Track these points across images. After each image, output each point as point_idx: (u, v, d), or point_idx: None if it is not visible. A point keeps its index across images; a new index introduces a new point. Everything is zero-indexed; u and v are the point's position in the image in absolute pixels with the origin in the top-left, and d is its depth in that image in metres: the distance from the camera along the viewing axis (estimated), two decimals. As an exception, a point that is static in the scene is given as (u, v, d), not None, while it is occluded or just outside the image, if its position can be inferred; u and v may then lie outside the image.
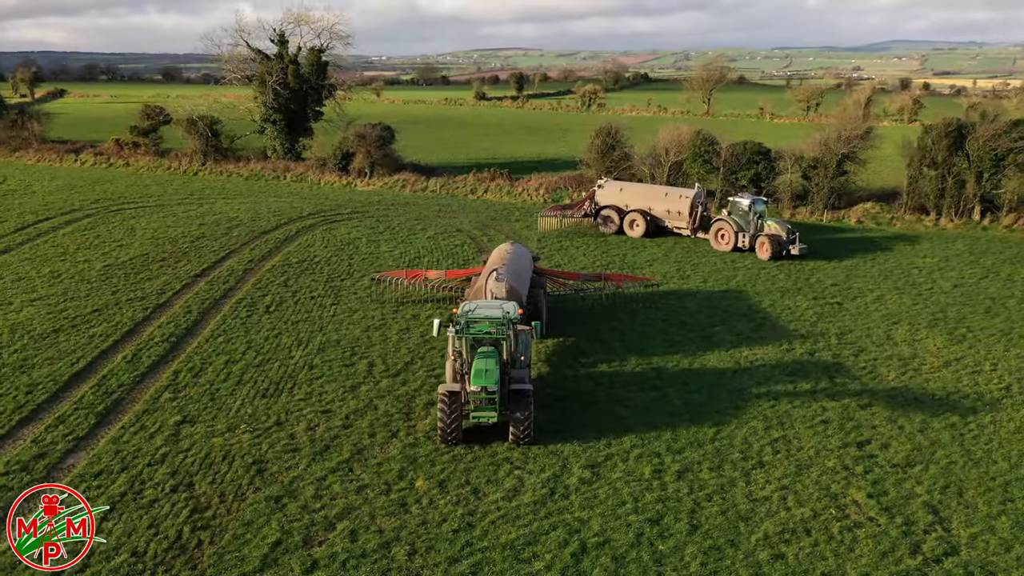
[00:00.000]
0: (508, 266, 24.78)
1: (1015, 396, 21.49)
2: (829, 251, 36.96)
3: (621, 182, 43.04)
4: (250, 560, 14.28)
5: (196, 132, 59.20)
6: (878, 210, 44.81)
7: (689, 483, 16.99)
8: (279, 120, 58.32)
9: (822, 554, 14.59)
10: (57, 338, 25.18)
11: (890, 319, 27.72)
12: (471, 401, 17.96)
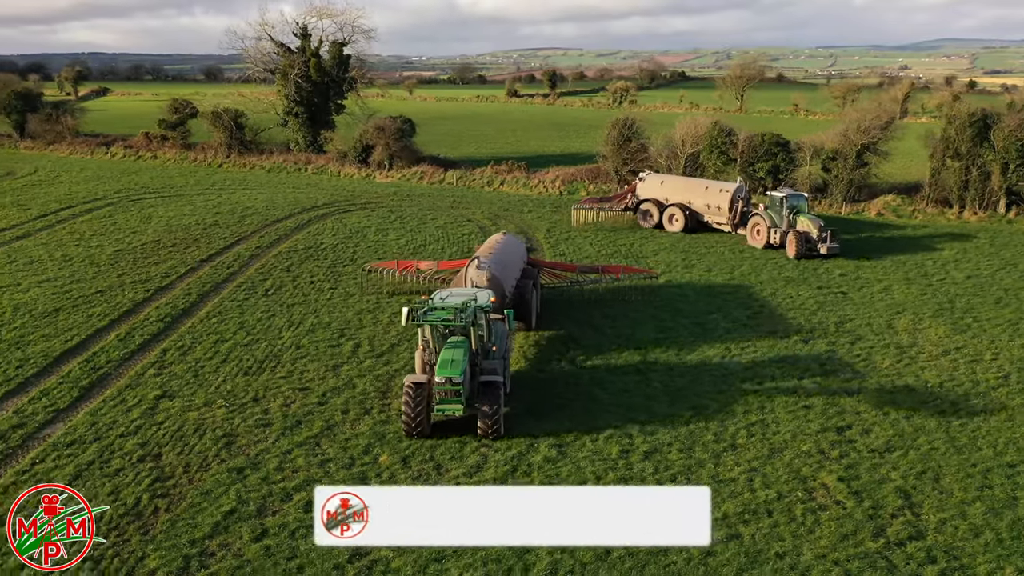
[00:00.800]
0: (494, 256, 24.43)
1: (1012, 385, 20.74)
2: (843, 243, 36.07)
3: (662, 175, 41.70)
4: (201, 527, 14.36)
5: (221, 125, 60.06)
6: (899, 203, 43.71)
7: (656, 463, 16.69)
8: (301, 113, 58.90)
9: (780, 535, 14.20)
10: (56, 317, 25.67)
11: (894, 308, 26.99)
12: (436, 393, 17.25)
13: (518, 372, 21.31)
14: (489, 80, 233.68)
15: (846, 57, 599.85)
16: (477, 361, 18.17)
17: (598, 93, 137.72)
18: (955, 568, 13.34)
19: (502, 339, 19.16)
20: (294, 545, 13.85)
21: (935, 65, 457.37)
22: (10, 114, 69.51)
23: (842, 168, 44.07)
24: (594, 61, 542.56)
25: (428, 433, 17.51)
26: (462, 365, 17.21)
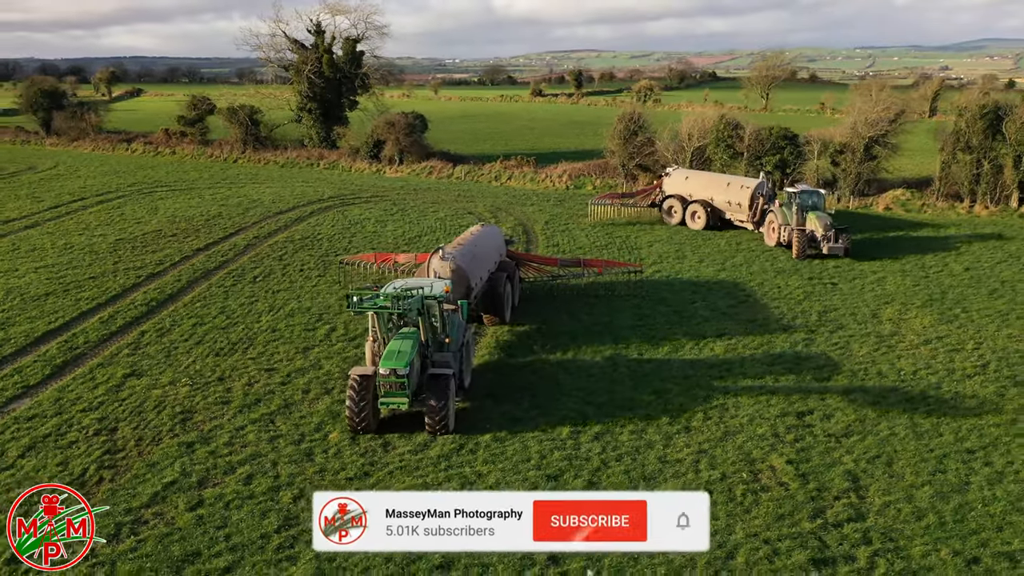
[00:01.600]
0: (465, 247, 23.78)
1: (988, 374, 20.20)
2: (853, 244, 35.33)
3: (688, 170, 40.44)
4: (140, 497, 14.54)
5: (236, 121, 60.85)
6: (908, 197, 42.84)
7: (604, 444, 16.54)
8: (314, 109, 59.47)
9: (715, 515, 13.95)
10: (46, 300, 26.20)
11: (882, 299, 26.47)
12: (380, 385, 16.55)
13: (486, 363, 21.16)
14: (519, 81, 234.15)
15: (885, 58, 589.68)
16: (428, 353, 17.59)
17: (621, 93, 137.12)
18: (888, 549, 13.02)
19: (458, 331, 18.46)
20: (227, 515, 13.96)
21: (977, 66, 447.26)
22: (36, 112, 71.17)
23: (850, 162, 43.32)
24: (627, 63, 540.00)
25: (374, 428, 16.91)
26: (408, 357, 16.57)
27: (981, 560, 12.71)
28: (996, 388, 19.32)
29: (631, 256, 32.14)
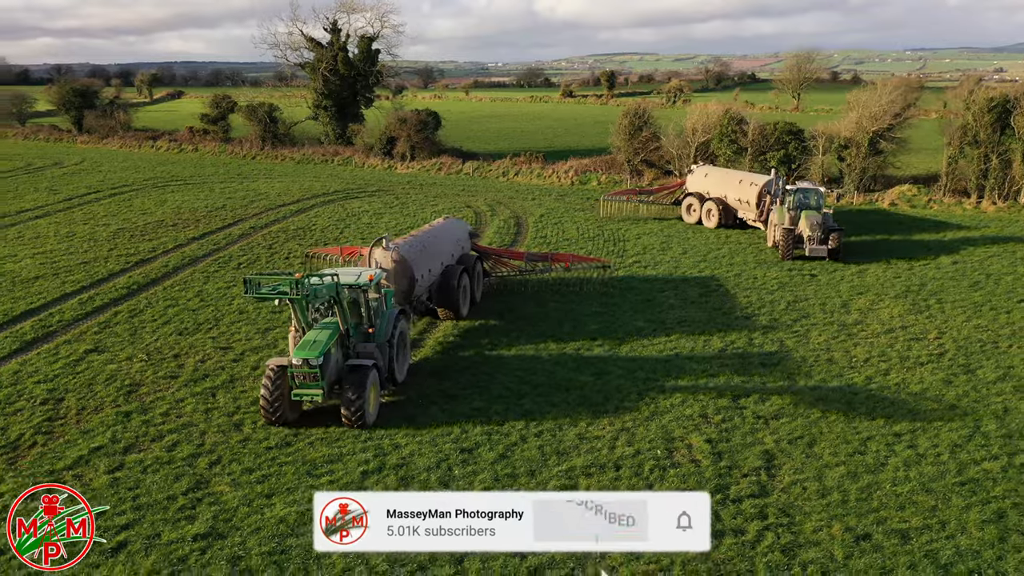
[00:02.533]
0: (416, 238, 23.25)
1: (942, 362, 19.82)
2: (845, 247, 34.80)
3: (708, 166, 39.21)
4: (65, 459, 15.09)
5: (255, 119, 62.12)
6: (915, 193, 42.01)
7: (528, 420, 16.65)
8: (330, 107, 60.38)
9: (617, 488, 14.02)
10: (35, 283, 27.13)
11: (858, 290, 26.08)
12: (294, 376, 15.94)
13: (434, 352, 21.22)
14: (556, 84, 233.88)
15: (936, 60, 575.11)
16: (350, 344, 17.04)
17: (651, 94, 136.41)
18: (780, 524, 12.93)
19: (387, 323, 17.90)
20: (142, 478, 14.41)
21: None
22: (69, 111, 73.46)
23: (855, 157, 42.67)
24: (670, 66, 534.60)
25: (292, 420, 16.48)
26: (323, 347, 15.93)
27: (872, 536, 12.55)
28: (945, 376, 18.96)
29: (615, 248, 32.13)
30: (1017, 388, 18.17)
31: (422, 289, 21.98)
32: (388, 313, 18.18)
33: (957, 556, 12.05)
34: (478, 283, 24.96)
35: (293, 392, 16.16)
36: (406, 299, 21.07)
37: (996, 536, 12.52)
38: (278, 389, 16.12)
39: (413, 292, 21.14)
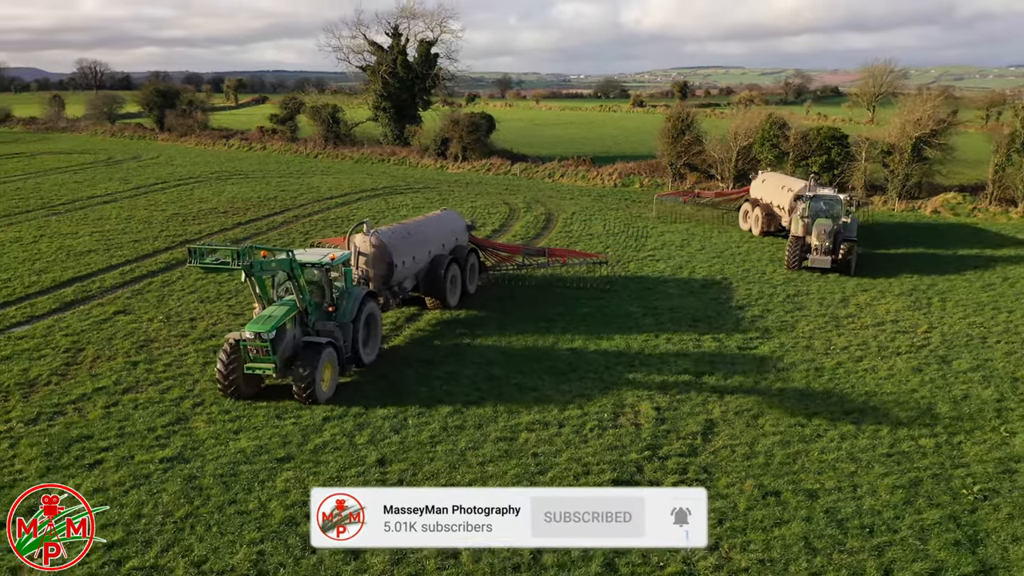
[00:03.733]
0: (404, 226, 23.43)
1: (920, 353, 19.91)
2: (873, 237, 34.50)
3: (768, 172, 37.41)
4: (69, 395, 16.91)
5: (319, 120, 64.90)
6: (959, 200, 41.17)
7: (493, 383, 17.65)
8: (388, 108, 62.63)
9: (553, 441, 14.92)
10: (86, 256, 29.61)
11: (863, 287, 26.11)
12: (247, 350, 16.20)
13: (403, 345, 20.75)
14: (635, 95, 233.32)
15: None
16: (310, 322, 17.22)
17: (720, 106, 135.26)
18: (695, 479, 13.59)
19: (352, 303, 18.11)
20: (132, 414, 16.05)
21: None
22: (152, 110, 78.10)
23: (898, 163, 42.08)
24: (756, 79, 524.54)
25: (248, 394, 16.71)
26: (276, 322, 16.14)
27: (781, 494, 13.11)
28: (918, 364, 19.11)
29: (635, 243, 32.78)
30: (986, 377, 18.22)
31: (403, 276, 21.95)
32: (354, 294, 18.36)
33: (856, 513, 12.52)
34: (471, 275, 24.92)
35: (246, 365, 16.37)
36: (385, 284, 21.11)
37: (902, 499, 12.92)
38: (233, 363, 16.39)
39: (392, 277, 21.19)
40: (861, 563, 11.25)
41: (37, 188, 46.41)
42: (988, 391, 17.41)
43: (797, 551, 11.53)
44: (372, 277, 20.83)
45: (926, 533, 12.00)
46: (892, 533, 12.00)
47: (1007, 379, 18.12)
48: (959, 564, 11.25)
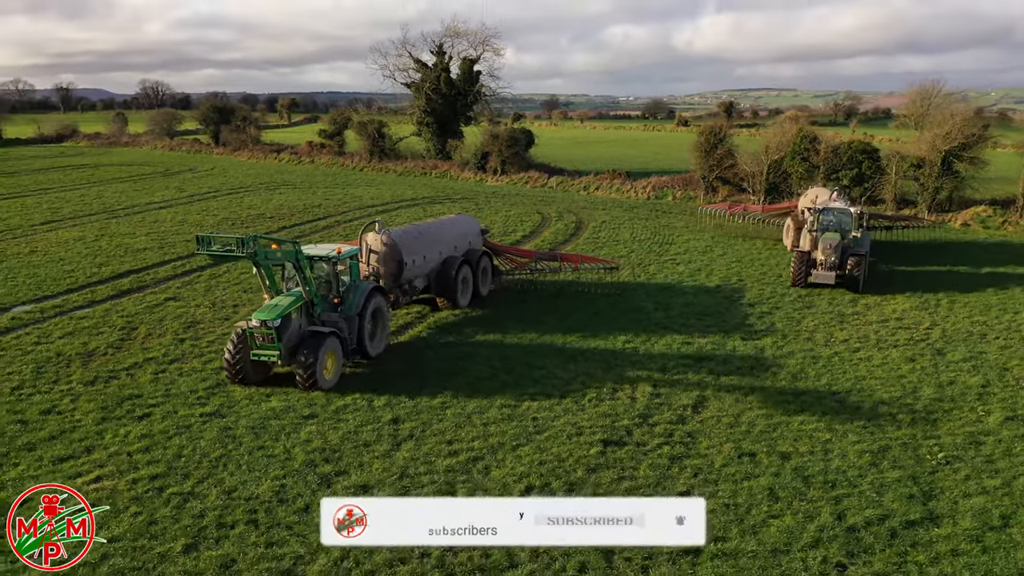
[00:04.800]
0: (417, 226, 24.48)
1: (917, 346, 20.74)
2: (900, 251, 35.07)
3: (816, 189, 35.85)
4: (123, 363, 18.83)
5: (365, 134, 67.42)
6: (989, 214, 41.42)
7: (503, 361, 19.06)
8: (432, 123, 64.84)
9: (554, 411, 16.23)
10: (142, 252, 31.92)
11: (880, 291, 26.69)
12: (253, 337, 16.86)
13: (423, 333, 21.72)
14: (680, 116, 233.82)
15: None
16: (315, 313, 17.85)
17: (763, 125, 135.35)
18: (680, 442, 14.78)
19: (359, 296, 18.69)
20: (177, 379, 17.85)
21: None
22: (208, 126, 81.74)
23: (928, 176, 42.55)
24: (808, 101, 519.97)
25: (255, 381, 17.32)
26: (282, 311, 16.79)
27: (756, 455, 14.25)
28: (912, 355, 19.98)
29: (659, 248, 33.94)
30: (976, 367, 19.04)
31: (414, 274, 22.46)
32: (360, 288, 18.88)
33: (823, 471, 13.61)
34: (483, 277, 25.29)
35: (252, 352, 17.00)
36: (395, 282, 21.66)
37: (868, 462, 13.96)
38: (240, 351, 17.04)
39: (402, 275, 21.71)
40: (817, 509, 12.36)
41: (99, 195, 49.44)
42: (975, 378, 18.24)
43: (761, 498, 12.68)
44: (383, 274, 21.38)
45: (884, 488, 13.05)
46: (852, 487, 13.07)
47: (996, 368, 18.92)
48: (908, 512, 12.28)
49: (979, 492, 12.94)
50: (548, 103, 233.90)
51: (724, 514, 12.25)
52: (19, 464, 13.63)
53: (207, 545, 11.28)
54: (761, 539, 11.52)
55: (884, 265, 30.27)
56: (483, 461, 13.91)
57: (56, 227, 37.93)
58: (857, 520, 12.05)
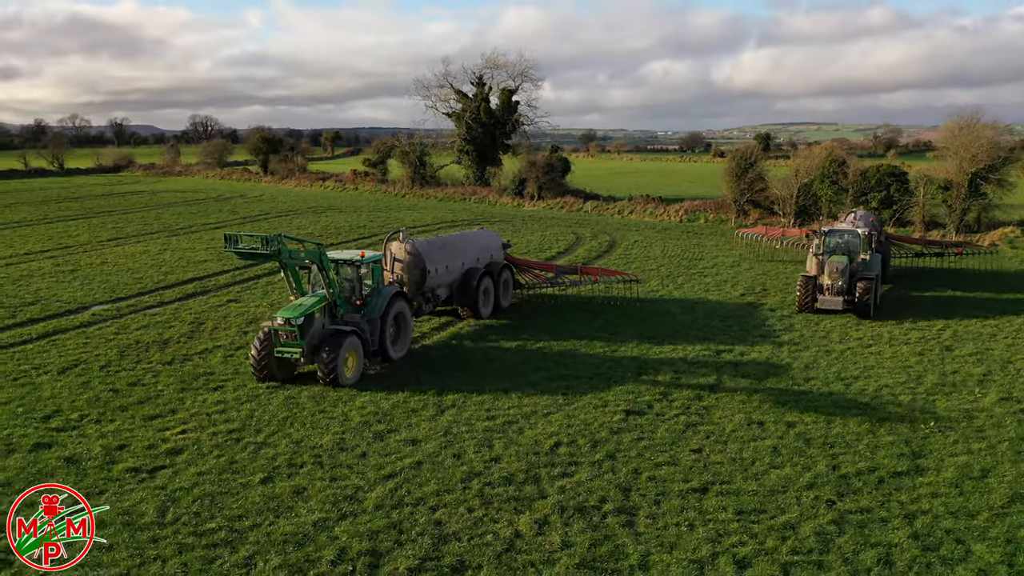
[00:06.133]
0: (441, 238, 25.61)
1: (928, 343, 21.99)
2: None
3: (862, 211, 34.93)
4: (196, 349, 20.95)
5: (408, 163, 70.20)
6: (1016, 234, 42.27)
7: (527, 342, 20.81)
8: (471, 151, 67.38)
9: (581, 387, 17.90)
10: (202, 264, 34.37)
11: (893, 315, 27.49)
12: (277, 335, 17.56)
13: (463, 331, 23.13)
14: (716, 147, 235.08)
15: None
16: (338, 313, 18.46)
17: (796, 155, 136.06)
18: (696, 413, 16.33)
19: (381, 300, 19.33)
20: (244, 362, 19.84)
21: None
22: (258, 155, 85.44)
23: (955, 198, 43.58)
24: (849, 135, 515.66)
25: (280, 379, 17.95)
26: (305, 310, 17.46)
27: (764, 423, 15.72)
28: (920, 350, 21.25)
29: (688, 264, 35.48)
30: (980, 360, 20.26)
31: (436, 283, 23.23)
32: (383, 292, 19.55)
33: (824, 435, 15.06)
34: (504, 290, 25.95)
35: (276, 349, 17.62)
36: (418, 289, 22.50)
37: (867, 429, 15.38)
38: (265, 349, 17.74)
39: (425, 283, 22.52)
40: (815, 462, 13.83)
41: (159, 216, 52.53)
42: (978, 368, 19.50)
43: (764, 455, 14.18)
44: (406, 282, 22.25)
45: (878, 448, 14.46)
46: (848, 447, 14.51)
47: (999, 361, 20.14)
48: (896, 465, 13.68)
49: (965, 452, 14.29)
50: (585, 136, 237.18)
51: (730, 465, 13.77)
52: (115, 421, 15.69)
53: (281, 478, 13.14)
54: (762, 483, 13.04)
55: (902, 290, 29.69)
56: (517, 424, 15.63)
57: (122, 243, 40.73)
58: (849, 471, 13.50)
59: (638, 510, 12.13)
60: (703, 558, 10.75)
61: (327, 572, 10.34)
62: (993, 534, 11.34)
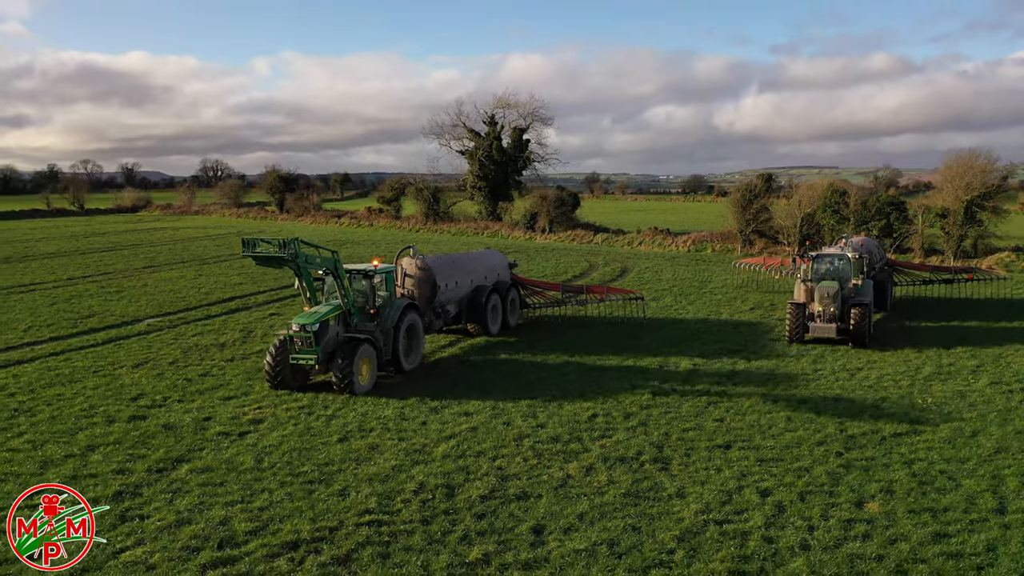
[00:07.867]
0: (450, 256, 26.28)
1: (929, 347, 23.75)
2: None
3: (864, 238, 33.90)
4: (247, 350, 22.77)
5: (421, 199, 72.63)
6: (1012, 259, 44.19)
7: (536, 342, 22.62)
8: (484, 187, 69.84)
9: (609, 375, 19.68)
10: (238, 286, 36.37)
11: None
12: (292, 341, 17.79)
13: (482, 344, 24.10)
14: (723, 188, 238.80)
15: None
16: (352, 322, 18.82)
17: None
18: (714, 392, 18.09)
19: (393, 311, 19.71)
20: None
21: None
22: (274, 194, 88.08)
23: (952, 225, 45.62)
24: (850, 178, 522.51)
25: (293, 387, 18.20)
26: (319, 317, 17.73)
27: (778, 400, 17.48)
28: (921, 347, 23.00)
29: (699, 287, 37.35)
30: (974, 356, 22.00)
31: (446, 299, 23.75)
32: (396, 304, 20.02)
33: (832, 408, 16.84)
34: (512, 308, 26.48)
35: (291, 356, 17.86)
36: (429, 304, 22.89)
37: (871, 404, 17.15)
38: (280, 356, 18.01)
39: (435, 298, 22.99)
40: (824, 427, 15.60)
41: (186, 248, 54.75)
42: (972, 362, 21.26)
43: (779, 422, 15.96)
44: (417, 297, 22.62)
45: (881, 416, 16.29)
46: (854, 417, 16.28)
47: (992, 357, 21.89)
48: (897, 429, 15.50)
49: (958, 419, 16.06)
50: (589, 179, 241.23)
51: (749, 430, 15.53)
52: (196, 400, 17.53)
53: (355, 439, 14.94)
54: (778, 440, 14.81)
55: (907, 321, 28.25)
56: (558, 400, 17.43)
57: (156, 270, 42.79)
58: (855, 432, 15.28)
59: (671, 460, 13.90)
60: (731, 489, 12.50)
61: (411, 499, 12.10)
62: (981, 472, 13.10)
